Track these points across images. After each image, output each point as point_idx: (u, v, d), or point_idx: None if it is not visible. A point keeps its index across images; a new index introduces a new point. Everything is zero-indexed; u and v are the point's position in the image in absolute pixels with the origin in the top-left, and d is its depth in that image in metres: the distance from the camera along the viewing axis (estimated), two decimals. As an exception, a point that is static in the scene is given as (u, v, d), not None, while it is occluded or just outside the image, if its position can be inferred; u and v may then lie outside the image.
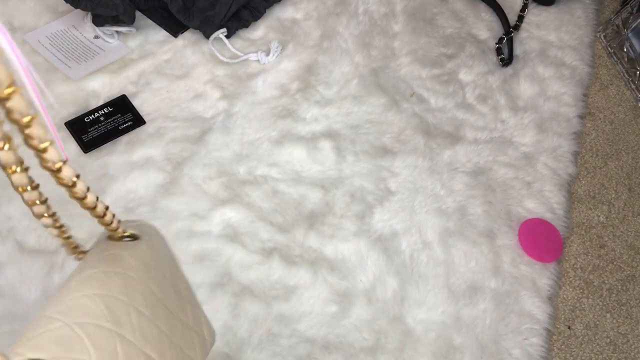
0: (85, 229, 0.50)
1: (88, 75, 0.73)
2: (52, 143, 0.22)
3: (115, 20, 0.75)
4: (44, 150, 0.22)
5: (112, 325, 0.25)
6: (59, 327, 0.23)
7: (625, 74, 0.83)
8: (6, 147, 0.20)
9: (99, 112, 0.69)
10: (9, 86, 0.19)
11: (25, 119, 0.20)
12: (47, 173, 0.23)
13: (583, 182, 0.72)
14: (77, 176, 0.24)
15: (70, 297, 0.25)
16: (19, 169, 0.22)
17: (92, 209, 0.26)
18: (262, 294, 0.58)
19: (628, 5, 0.83)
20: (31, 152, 0.22)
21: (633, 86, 0.81)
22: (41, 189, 0.24)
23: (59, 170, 0.23)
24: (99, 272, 0.26)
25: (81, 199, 0.25)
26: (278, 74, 0.76)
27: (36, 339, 0.23)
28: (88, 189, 0.25)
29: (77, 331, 0.23)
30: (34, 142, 0.21)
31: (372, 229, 0.63)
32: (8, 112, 0.20)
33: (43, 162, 0.22)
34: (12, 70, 0.20)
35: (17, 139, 0.21)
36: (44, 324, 0.23)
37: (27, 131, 0.21)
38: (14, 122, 0.20)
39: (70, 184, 0.24)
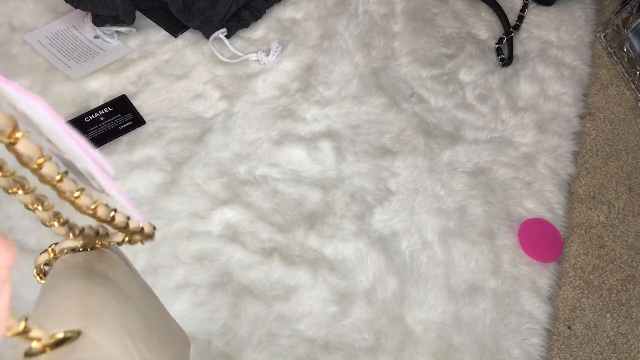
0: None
1: (88, 75, 0.73)
2: (82, 191, 0.22)
3: (115, 20, 0.75)
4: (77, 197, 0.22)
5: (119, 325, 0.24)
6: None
7: (625, 74, 0.83)
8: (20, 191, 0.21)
9: (99, 112, 0.69)
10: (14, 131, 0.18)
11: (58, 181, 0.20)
12: None
13: (583, 182, 0.72)
14: (115, 210, 0.24)
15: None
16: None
17: (123, 227, 0.26)
18: (262, 294, 0.58)
19: (628, 5, 0.83)
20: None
21: (633, 86, 0.81)
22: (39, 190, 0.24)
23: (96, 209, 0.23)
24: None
25: (109, 222, 0.25)
26: (278, 74, 0.76)
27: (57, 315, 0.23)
28: (115, 210, 0.25)
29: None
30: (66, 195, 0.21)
31: (372, 229, 0.63)
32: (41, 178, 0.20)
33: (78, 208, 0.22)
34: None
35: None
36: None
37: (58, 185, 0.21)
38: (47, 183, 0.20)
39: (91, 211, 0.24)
